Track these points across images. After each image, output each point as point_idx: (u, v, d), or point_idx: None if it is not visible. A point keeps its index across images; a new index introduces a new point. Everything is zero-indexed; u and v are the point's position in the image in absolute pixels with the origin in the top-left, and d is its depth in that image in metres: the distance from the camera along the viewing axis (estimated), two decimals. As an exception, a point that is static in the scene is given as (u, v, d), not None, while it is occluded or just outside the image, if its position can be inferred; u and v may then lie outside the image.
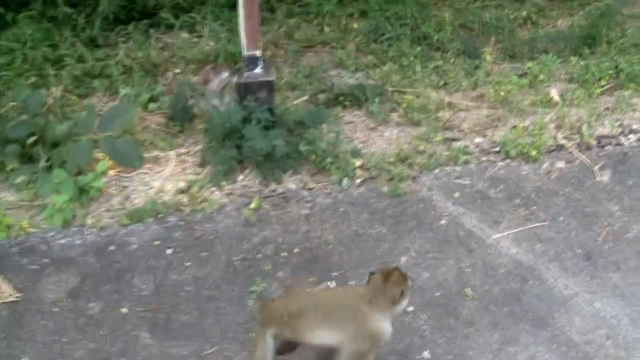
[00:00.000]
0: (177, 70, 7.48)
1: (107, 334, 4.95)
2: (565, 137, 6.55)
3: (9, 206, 6.11)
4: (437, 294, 5.12)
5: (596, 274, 5.24)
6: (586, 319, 4.91)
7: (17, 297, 5.25)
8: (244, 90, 6.26)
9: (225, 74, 6.51)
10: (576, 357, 4.65)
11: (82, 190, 6.05)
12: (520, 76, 7.27)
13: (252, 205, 5.87)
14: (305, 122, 6.33)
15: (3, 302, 5.21)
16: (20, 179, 6.20)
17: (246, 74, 6.27)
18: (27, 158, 6.39)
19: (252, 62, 6.24)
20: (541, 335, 4.79)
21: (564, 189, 6.00)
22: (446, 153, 6.32)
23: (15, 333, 4.98)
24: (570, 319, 4.91)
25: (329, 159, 6.11)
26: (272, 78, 6.29)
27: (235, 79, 6.32)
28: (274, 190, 6.06)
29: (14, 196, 6.20)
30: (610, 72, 7.29)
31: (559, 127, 6.66)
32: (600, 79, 7.15)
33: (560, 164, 6.25)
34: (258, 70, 6.27)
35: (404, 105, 6.85)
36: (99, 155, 6.36)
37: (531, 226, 5.65)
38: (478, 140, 6.55)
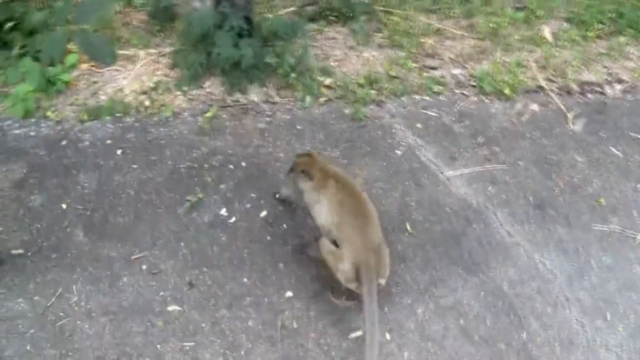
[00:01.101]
0: (169, -33, 6.96)
1: (43, 227, 4.67)
2: (546, 79, 5.94)
3: (-22, 90, 5.80)
4: (376, 224, 4.72)
5: (544, 225, 4.77)
6: (521, 270, 4.47)
7: (-38, 181, 4.98)
8: (221, -5, 5.76)
9: (206, -24, 5.99)
10: (502, 307, 4.25)
11: (50, 82, 5.69)
12: (518, 9, 6.61)
13: (209, 114, 5.44)
14: (280, 34, 5.83)
15: (-54, 185, 4.96)
16: (-8, 64, 5.86)
17: (224, -22, 5.76)
18: (3, 44, 6.02)
19: (232, -34, 5.72)
20: (471, 281, 4.38)
21: (531, 133, 5.45)
22: (418, 81, 5.78)
23: (-47, 217, 4.74)
24: (505, 268, 4.48)
25: (293, 75, 5.63)
26: (250, -15, 5.77)
27: (213, -18, 5.82)
28: (236, 101, 5.62)
29: (-16, 81, 5.88)
30: (612, 15, 6.58)
31: (543, 68, 6.05)
32: (600, 22, 6.46)
33: (534, 106, 5.67)
34: (237, -25, 5.75)
35: (390, 26, 6.28)
36: (74, 48, 5.97)
37: (488, 167, 5.15)
38: (456, 71, 5.99)
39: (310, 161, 4.33)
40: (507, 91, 5.68)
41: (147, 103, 5.57)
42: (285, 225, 4.54)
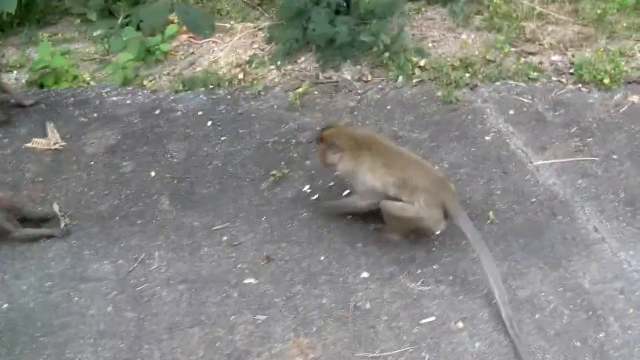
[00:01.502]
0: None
1: (131, 193, 4.88)
2: (651, 70, 5.66)
3: (84, 57, 6.04)
4: (459, 211, 4.65)
5: (633, 222, 4.56)
6: (605, 268, 4.31)
7: (61, 145, 5.24)
8: (320, -28, 5.76)
9: (307, -48, 5.99)
10: (581, 305, 4.10)
11: (149, 52, 5.87)
12: (629, -7, 6.30)
13: (300, 90, 5.49)
14: (376, 12, 5.78)
15: (48, 149, 5.21)
16: (97, 33, 6.09)
17: (324, -46, 5.75)
18: (109, 13, 6.25)
19: (333, -58, 5.71)
20: (551, 276, 4.25)
21: (629, 125, 5.20)
22: (514, 66, 5.63)
23: (51, 179, 5.00)
24: (587, 265, 4.32)
25: (387, 54, 5.58)
26: (350, -38, 5.74)
27: (314, -42, 5.82)
28: (329, 78, 5.64)
29: (90, 48, 6.11)
30: None
31: (650, 58, 5.77)
32: None
33: (635, 98, 5.40)
34: (338, -48, 5.74)
35: (491, 9, 6.12)
36: (174, 18, 6.12)
37: (579, 159, 4.97)
38: (555, 58, 5.78)
39: (337, 132, 4.40)
40: (606, 81, 5.44)
41: (240, 76, 5.67)
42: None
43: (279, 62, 5.72)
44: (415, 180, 4.17)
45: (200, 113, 5.40)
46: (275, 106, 5.44)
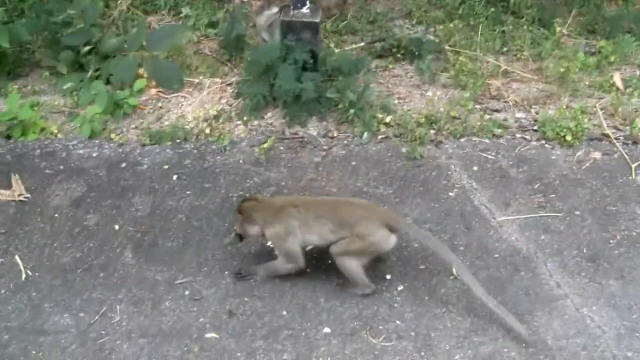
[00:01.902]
0: (245, -2, 7.10)
1: (95, 246, 4.84)
2: (612, 127, 5.73)
3: (52, 110, 6.04)
4: (422, 266, 4.65)
5: (596, 278, 4.59)
6: (568, 324, 4.31)
7: (25, 197, 5.20)
8: (287, 29, 5.80)
9: (274, 9, 6.07)
10: (542, 362, 4.12)
11: (118, 105, 5.88)
12: (590, 55, 6.43)
13: (266, 145, 5.51)
14: (343, 69, 5.85)
15: (12, 200, 5.17)
16: (67, 85, 6.08)
17: (292, 12, 5.82)
18: (79, 66, 6.26)
19: (300, 1, 5.78)
20: (513, 331, 4.24)
21: (591, 182, 5.26)
22: (479, 123, 5.69)
23: (15, 230, 4.96)
24: (550, 320, 4.33)
25: (353, 110, 5.64)
26: (317, 20, 5.79)
27: (280, 16, 5.90)
28: (295, 134, 5.67)
29: (59, 101, 6.11)
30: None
31: (610, 116, 5.84)
32: (677, 72, 6.23)
33: (596, 154, 5.49)
34: (305, 10, 5.80)
35: (457, 66, 6.21)
36: (144, 73, 6.15)
37: (542, 215, 5.00)
38: (520, 115, 5.86)
39: (255, 205, 4.51)
40: (569, 137, 5.52)
41: (207, 131, 5.69)
42: (330, 261, 4.51)
43: (245, 118, 5.75)
44: (348, 215, 4.32)
45: (166, 167, 5.39)
46: (240, 161, 5.45)
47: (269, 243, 4.58)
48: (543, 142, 5.62)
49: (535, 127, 5.72)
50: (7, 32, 5.93)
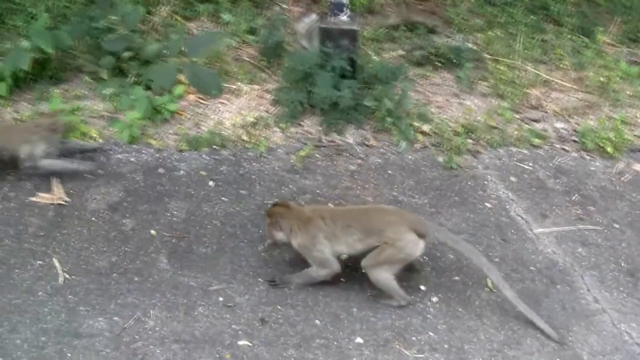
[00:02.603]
0: (284, 5, 7.10)
1: (131, 251, 4.84)
2: (655, 139, 5.64)
3: (93, 114, 6.09)
4: (456, 278, 4.60)
5: (635, 293, 4.50)
6: (605, 340, 4.23)
7: (65, 201, 5.23)
8: (325, 36, 5.81)
9: (314, 16, 6.08)
10: (578, 377, 4.04)
11: (157, 111, 5.92)
12: (633, 64, 6.32)
13: (302, 152, 5.50)
14: (380, 77, 5.83)
15: (52, 204, 5.22)
16: (108, 91, 6.13)
17: (330, 19, 5.82)
18: (120, 72, 6.32)
19: (338, 8, 5.78)
20: (548, 346, 4.17)
21: (631, 194, 5.16)
22: (517, 133, 5.62)
23: (53, 234, 4.97)
24: (586, 336, 4.25)
25: (390, 119, 5.60)
26: (355, 27, 5.80)
27: (319, 23, 5.90)
28: (332, 141, 5.65)
29: (99, 106, 6.16)
30: None
31: (654, 127, 5.75)
32: None
33: (637, 167, 5.38)
34: (343, 17, 5.80)
35: (496, 75, 6.15)
36: (183, 79, 6.18)
37: (580, 227, 4.92)
38: (559, 125, 5.78)
39: (283, 211, 4.49)
40: (609, 149, 5.43)
41: (244, 137, 5.69)
42: (363, 271, 4.48)
43: (282, 125, 5.75)
44: (375, 222, 4.30)
45: (202, 173, 5.41)
46: (277, 168, 5.44)
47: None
48: (582, 152, 5.53)
49: (575, 138, 5.64)
50: (51, 38, 6.01)
